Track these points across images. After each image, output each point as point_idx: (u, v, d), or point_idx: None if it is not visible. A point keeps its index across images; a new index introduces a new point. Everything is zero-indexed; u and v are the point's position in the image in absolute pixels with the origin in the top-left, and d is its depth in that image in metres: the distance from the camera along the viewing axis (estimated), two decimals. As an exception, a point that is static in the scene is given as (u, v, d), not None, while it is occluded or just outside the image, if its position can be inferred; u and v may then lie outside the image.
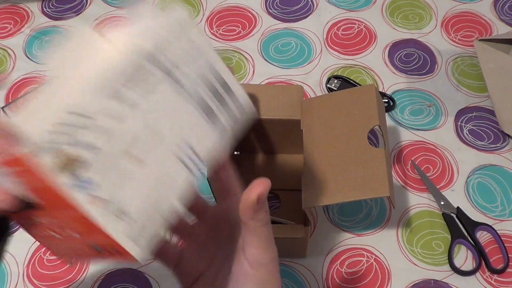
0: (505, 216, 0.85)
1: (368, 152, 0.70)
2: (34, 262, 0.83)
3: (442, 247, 0.83)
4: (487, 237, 0.83)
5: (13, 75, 1.03)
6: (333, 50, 1.05)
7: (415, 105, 0.97)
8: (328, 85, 0.98)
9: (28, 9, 1.13)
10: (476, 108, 0.96)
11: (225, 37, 1.07)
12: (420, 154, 0.91)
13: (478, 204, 0.86)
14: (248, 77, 1.01)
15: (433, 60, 1.02)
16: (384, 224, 0.85)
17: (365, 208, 0.87)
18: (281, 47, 1.05)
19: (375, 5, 1.11)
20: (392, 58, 1.03)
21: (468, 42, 1.05)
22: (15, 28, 1.10)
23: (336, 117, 0.75)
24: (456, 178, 0.89)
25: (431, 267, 0.81)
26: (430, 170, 0.90)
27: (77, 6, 1.14)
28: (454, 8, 1.10)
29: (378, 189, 0.67)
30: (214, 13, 1.11)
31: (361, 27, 1.08)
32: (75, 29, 0.42)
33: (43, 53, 1.06)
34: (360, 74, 1.01)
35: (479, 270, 0.80)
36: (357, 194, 0.68)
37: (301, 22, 1.09)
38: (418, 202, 0.87)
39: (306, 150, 0.76)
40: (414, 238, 0.84)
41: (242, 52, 1.05)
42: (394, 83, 0.99)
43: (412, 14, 1.09)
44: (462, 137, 0.93)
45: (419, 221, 0.85)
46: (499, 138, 0.93)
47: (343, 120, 0.74)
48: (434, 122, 0.95)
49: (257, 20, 1.10)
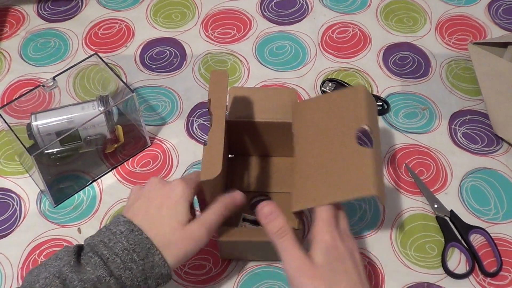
0: (498, 219, 0.85)
1: (357, 152, 0.70)
2: (28, 264, 0.83)
3: (435, 250, 0.83)
4: (480, 240, 0.83)
5: (8, 77, 1.03)
6: (328, 53, 1.05)
7: (409, 108, 0.97)
8: (322, 88, 0.98)
9: (24, 12, 1.13)
10: (470, 112, 0.97)
11: (220, 40, 1.07)
12: (414, 157, 0.92)
13: (472, 207, 0.87)
14: (243, 80, 1.02)
15: (427, 63, 1.03)
16: (378, 227, 0.85)
17: (359, 212, 0.87)
18: (276, 50, 1.06)
19: (370, 8, 1.11)
20: (386, 61, 1.03)
21: (462, 46, 1.05)
22: (11, 30, 1.10)
23: (326, 119, 0.75)
24: (449, 181, 0.89)
25: (424, 270, 0.81)
26: (424, 173, 0.90)
27: (73, 8, 1.14)
28: (449, 12, 1.10)
29: (364, 188, 0.67)
30: (209, 16, 1.11)
31: (356, 30, 1.08)
32: None
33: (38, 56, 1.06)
34: (355, 77, 1.01)
35: (473, 273, 0.80)
36: (344, 195, 0.68)
37: (295, 25, 1.09)
38: (411, 205, 0.87)
39: (297, 152, 0.76)
40: (408, 241, 0.84)
41: (237, 55, 1.05)
42: (388, 86, 1.00)
43: (407, 18, 1.10)
44: (456, 140, 0.94)
45: (412, 224, 0.85)
46: (492, 142, 0.93)
47: (333, 122, 0.74)
48: (428, 125, 0.95)
49: (252, 23, 1.10)
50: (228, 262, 0.82)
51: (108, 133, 0.87)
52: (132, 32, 1.09)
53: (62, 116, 0.86)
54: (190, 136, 0.95)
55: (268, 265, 0.82)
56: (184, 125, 0.97)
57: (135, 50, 1.07)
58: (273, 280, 0.80)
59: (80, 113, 0.86)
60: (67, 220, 0.87)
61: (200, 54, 1.05)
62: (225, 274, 0.82)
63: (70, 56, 1.06)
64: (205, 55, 1.05)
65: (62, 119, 0.85)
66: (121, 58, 1.05)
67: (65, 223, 0.87)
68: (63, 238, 0.85)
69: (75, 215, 0.88)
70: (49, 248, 0.84)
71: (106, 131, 0.87)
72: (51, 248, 0.84)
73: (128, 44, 1.08)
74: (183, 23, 1.10)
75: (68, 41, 1.08)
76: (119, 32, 1.09)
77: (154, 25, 1.10)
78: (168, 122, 0.97)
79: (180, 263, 0.68)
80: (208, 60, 1.04)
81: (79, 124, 0.84)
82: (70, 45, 1.08)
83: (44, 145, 0.85)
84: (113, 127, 0.88)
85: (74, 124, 0.85)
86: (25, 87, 1.02)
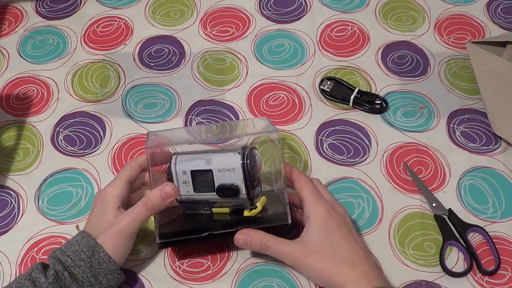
0: (496, 218, 0.86)
1: None
2: (26, 261, 0.83)
3: (433, 249, 0.83)
4: (478, 239, 0.84)
5: (7, 74, 1.03)
6: (327, 52, 1.05)
7: (408, 107, 0.97)
8: (321, 87, 0.98)
9: (22, 9, 1.13)
10: (469, 110, 0.97)
11: (218, 38, 1.07)
12: (412, 155, 0.92)
13: (470, 206, 0.87)
14: (242, 78, 1.02)
15: (426, 62, 1.03)
16: (376, 225, 0.85)
17: (357, 209, 0.87)
18: (274, 48, 1.06)
19: (369, 7, 1.11)
20: (385, 60, 1.03)
21: (461, 45, 1.05)
22: (9, 28, 1.10)
23: None
24: (448, 180, 0.89)
25: (422, 268, 0.81)
26: (422, 171, 0.90)
27: (71, 6, 1.14)
28: (447, 11, 1.10)
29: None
30: (208, 14, 1.11)
31: (355, 29, 1.08)
32: None
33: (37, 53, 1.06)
34: (353, 75, 1.01)
35: (471, 272, 0.81)
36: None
37: (294, 23, 1.09)
38: (410, 204, 0.87)
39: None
40: (406, 239, 0.84)
41: (236, 53, 1.05)
42: (387, 85, 1.00)
43: (406, 16, 1.10)
44: (454, 139, 0.94)
45: (411, 223, 0.85)
46: (491, 140, 0.93)
47: None
48: (427, 124, 0.95)
49: (250, 21, 1.10)
50: (226, 259, 0.82)
51: (243, 187, 0.77)
52: (131, 30, 1.09)
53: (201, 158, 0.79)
54: (189, 134, 0.95)
55: (266, 263, 0.82)
56: (183, 123, 0.97)
57: (134, 48, 1.06)
58: (271, 278, 0.80)
59: (219, 155, 0.79)
60: (65, 218, 0.87)
61: (199, 52, 1.05)
62: (224, 271, 0.82)
63: (69, 54, 1.06)
64: (204, 53, 1.05)
65: (201, 157, 0.79)
66: (120, 56, 1.05)
67: (63, 220, 0.87)
68: (61, 235, 0.85)
69: (73, 213, 0.88)
70: (47, 245, 0.84)
71: (241, 181, 0.77)
72: (49, 245, 0.84)
73: (127, 42, 1.07)
74: (181, 21, 1.10)
75: (66, 38, 1.08)
76: (117, 29, 1.09)
77: (153, 23, 1.10)
78: (167, 120, 0.97)
79: (122, 257, 0.76)
80: (207, 58, 1.04)
81: (216, 167, 0.77)
82: (69, 42, 1.08)
83: (180, 195, 0.79)
84: (253, 187, 0.79)
85: (211, 166, 0.78)
86: (24, 84, 1.02)
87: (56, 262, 0.73)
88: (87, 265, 0.73)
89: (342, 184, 0.89)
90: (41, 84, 1.02)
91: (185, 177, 0.78)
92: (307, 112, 0.97)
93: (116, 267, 0.75)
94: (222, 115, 0.97)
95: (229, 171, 0.76)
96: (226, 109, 0.98)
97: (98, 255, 0.74)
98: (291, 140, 0.94)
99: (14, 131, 0.96)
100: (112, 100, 1.00)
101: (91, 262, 0.73)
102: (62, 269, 0.72)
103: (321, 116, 0.97)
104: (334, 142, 0.94)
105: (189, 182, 0.78)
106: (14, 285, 0.72)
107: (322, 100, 0.99)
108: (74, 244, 0.75)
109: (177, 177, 0.79)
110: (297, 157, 0.92)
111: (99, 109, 0.99)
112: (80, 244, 0.74)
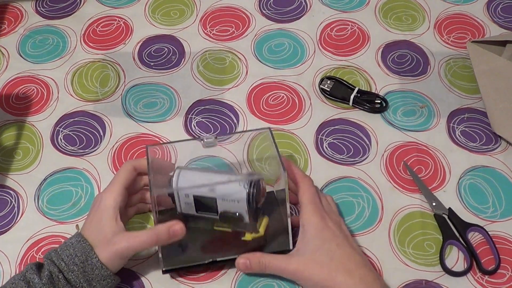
0: (496, 217, 0.86)
1: None
2: (26, 261, 0.83)
3: (433, 248, 0.83)
4: (478, 238, 0.84)
5: (6, 74, 1.03)
6: (326, 51, 1.05)
7: (408, 106, 0.97)
8: (321, 86, 0.98)
9: (22, 8, 1.13)
10: (468, 110, 0.97)
11: (218, 38, 1.07)
12: (412, 155, 0.92)
13: (470, 205, 0.87)
14: (241, 78, 1.01)
15: (425, 61, 1.03)
16: (376, 225, 0.85)
17: (357, 209, 0.87)
18: (274, 48, 1.06)
19: (369, 6, 1.11)
20: (385, 59, 1.03)
21: (461, 44, 1.05)
22: (9, 27, 1.10)
23: None
24: (448, 179, 0.89)
25: (422, 267, 0.81)
26: (422, 171, 0.90)
27: (71, 5, 1.13)
28: (447, 10, 1.10)
29: None
30: (208, 13, 1.11)
31: (354, 28, 1.08)
32: None
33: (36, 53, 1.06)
34: (353, 75, 1.01)
35: (471, 271, 0.80)
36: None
37: (294, 23, 1.09)
38: (410, 203, 0.87)
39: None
40: (406, 238, 0.84)
41: (236, 52, 1.05)
42: (387, 84, 1.00)
43: (405, 16, 1.10)
44: (454, 138, 0.94)
45: (410, 222, 0.85)
46: (491, 140, 0.93)
47: None
48: (427, 123, 0.95)
49: (250, 20, 1.10)
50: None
51: (247, 217, 0.78)
52: (131, 29, 1.09)
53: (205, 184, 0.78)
54: (189, 134, 0.95)
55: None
56: (182, 122, 0.96)
57: (134, 47, 1.06)
58: (271, 277, 0.80)
59: (224, 184, 0.78)
60: (65, 217, 0.87)
61: (199, 51, 1.05)
62: (223, 271, 0.82)
63: (69, 53, 1.06)
64: (204, 53, 1.05)
65: (205, 182, 0.78)
66: (120, 55, 1.05)
67: (63, 220, 0.87)
68: (61, 235, 0.85)
69: (73, 212, 0.88)
70: (47, 245, 0.84)
71: (245, 212, 0.77)
72: (49, 245, 0.84)
73: (127, 41, 1.07)
74: (181, 20, 1.10)
75: (66, 38, 1.08)
76: (117, 29, 1.09)
77: (153, 23, 1.10)
78: (167, 119, 0.97)
79: (116, 268, 0.76)
80: (207, 58, 1.04)
81: (220, 195, 0.77)
82: (69, 42, 1.07)
83: (181, 209, 0.79)
84: (256, 213, 0.79)
85: (215, 194, 0.77)
86: (23, 84, 1.02)
87: (51, 264, 0.73)
88: (80, 270, 0.73)
89: (342, 183, 0.89)
90: (41, 84, 1.02)
91: (187, 199, 0.78)
92: (307, 112, 0.97)
93: (109, 273, 0.74)
94: (222, 114, 0.97)
95: (233, 201, 0.76)
96: (226, 109, 0.98)
97: (91, 261, 0.73)
98: (291, 140, 0.94)
99: (14, 131, 0.96)
100: (112, 99, 1.00)
101: (84, 267, 0.73)
102: (57, 271, 0.73)
103: (321, 116, 0.97)
104: (334, 142, 0.94)
105: (191, 204, 0.78)
106: (9, 286, 0.72)
107: (322, 100, 0.99)
108: (70, 247, 0.75)
109: (179, 198, 0.78)
110: (297, 156, 0.92)
111: (99, 108, 0.99)
112: (75, 248, 0.74)
